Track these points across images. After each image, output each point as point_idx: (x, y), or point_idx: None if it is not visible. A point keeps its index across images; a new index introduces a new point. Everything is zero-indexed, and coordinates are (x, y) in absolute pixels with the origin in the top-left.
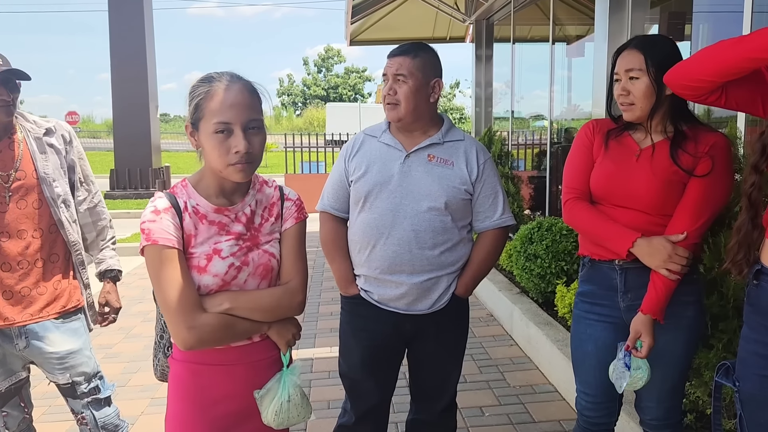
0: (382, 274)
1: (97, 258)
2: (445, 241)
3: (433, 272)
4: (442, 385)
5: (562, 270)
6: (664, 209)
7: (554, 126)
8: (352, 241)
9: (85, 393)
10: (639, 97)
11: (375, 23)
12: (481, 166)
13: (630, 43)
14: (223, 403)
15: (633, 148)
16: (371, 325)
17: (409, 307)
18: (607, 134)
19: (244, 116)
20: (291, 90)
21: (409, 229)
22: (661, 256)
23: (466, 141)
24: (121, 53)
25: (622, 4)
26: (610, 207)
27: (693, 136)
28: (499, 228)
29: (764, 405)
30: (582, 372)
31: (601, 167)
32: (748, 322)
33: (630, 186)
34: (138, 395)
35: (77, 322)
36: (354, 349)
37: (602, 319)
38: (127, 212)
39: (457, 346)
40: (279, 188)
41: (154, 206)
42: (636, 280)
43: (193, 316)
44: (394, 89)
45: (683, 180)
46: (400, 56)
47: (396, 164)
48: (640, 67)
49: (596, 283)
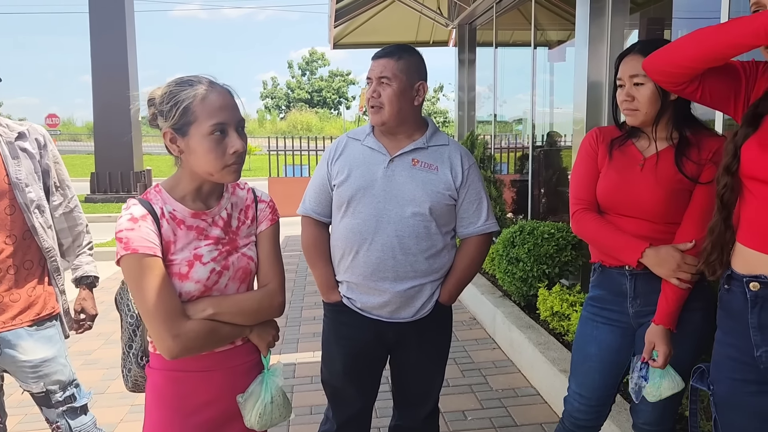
0: (365, 281)
1: (73, 264)
2: (429, 247)
3: (416, 279)
4: (425, 392)
5: (543, 273)
6: (670, 217)
7: (536, 130)
8: (334, 246)
9: (60, 402)
10: (644, 102)
11: (359, 27)
12: (465, 172)
13: (633, 48)
14: (203, 409)
15: (637, 157)
16: (354, 333)
17: (392, 315)
18: (611, 143)
19: (235, 116)
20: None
21: (393, 235)
22: (670, 266)
23: (450, 146)
24: (102, 55)
25: (602, 10)
26: (616, 216)
27: (696, 143)
28: (483, 234)
29: (737, 408)
30: (581, 373)
31: (606, 178)
32: (721, 326)
33: (635, 196)
34: (117, 402)
35: (52, 329)
36: (336, 357)
37: (610, 322)
38: (108, 216)
39: (441, 353)
40: (252, 190)
41: (131, 214)
42: (645, 286)
43: (177, 323)
44: (378, 92)
45: (689, 188)
46: (384, 58)
47: (380, 168)
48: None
49: (606, 288)
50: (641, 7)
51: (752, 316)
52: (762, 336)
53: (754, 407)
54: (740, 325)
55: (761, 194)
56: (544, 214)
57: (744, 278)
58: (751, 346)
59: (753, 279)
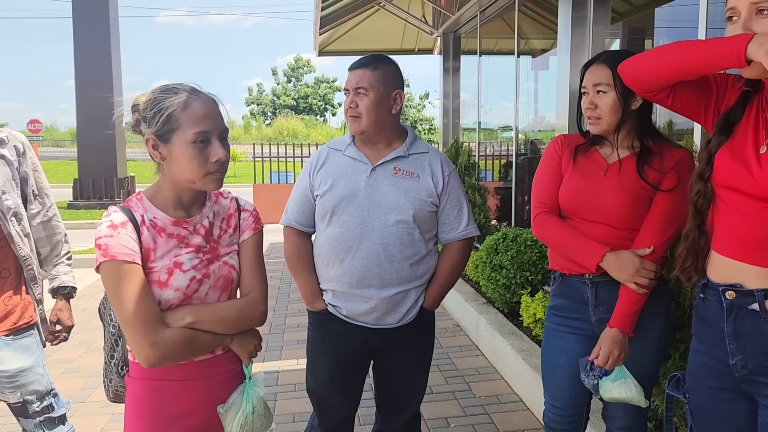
0: (351, 289)
1: (50, 274)
2: (414, 253)
3: (402, 285)
4: (408, 397)
5: (527, 280)
6: (632, 223)
7: (520, 137)
8: (318, 255)
9: (37, 412)
10: (606, 111)
11: (344, 34)
12: (446, 178)
13: (598, 57)
14: (184, 419)
15: (600, 163)
16: (340, 341)
17: (378, 321)
18: (575, 149)
19: (219, 125)
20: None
21: (378, 243)
22: (629, 270)
23: (430, 153)
24: (86, 61)
25: (584, 20)
26: (579, 221)
27: (658, 152)
28: (465, 239)
29: (713, 415)
30: (552, 384)
31: (570, 182)
32: (697, 334)
33: (598, 200)
34: (98, 411)
35: (29, 338)
36: (322, 365)
37: (574, 331)
38: (91, 222)
39: (424, 358)
40: (235, 199)
41: (110, 221)
42: (607, 294)
43: (155, 331)
44: (355, 102)
45: (650, 195)
46: (360, 69)
47: (362, 178)
48: (607, 81)
49: (568, 297)
50: (623, 16)
51: (728, 325)
52: (737, 344)
53: (729, 415)
54: (716, 334)
55: (733, 202)
56: (527, 221)
57: (720, 287)
58: (726, 354)
59: (729, 288)
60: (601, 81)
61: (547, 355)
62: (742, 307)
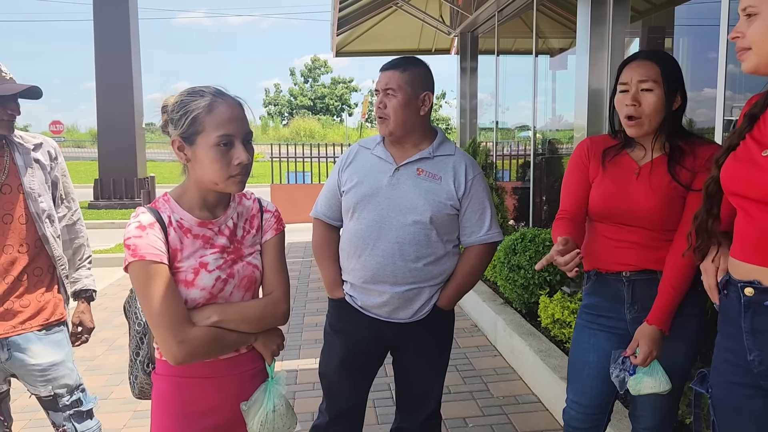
0: (366, 284)
1: (72, 277)
2: (429, 254)
3: (414, 284)
4: (423, 394)
5: (545, 281)
6: (667, 225)
7: (538, 137)
8: (341, 249)
9: (67, 405)
10: (649, 111)
11: (361, 35)
12: (469, 182)
13: (640, 54)
14: (208, 415)
15: (632, 166)
16: (353, 329)
17: (391, 315)
18: (604, 153)
19: (243, 129)
20: (278, 100)
21: (394, 241)
22: None
23: (456, 156)
24: (106, 62)
25: (603, 18)
26: (612, 225)
27: (690, 151)
28: (486, 243)
29: (734, 410)
30: (578, 381)
31: (600, 188)
32: (721, 330)
33: (631, 204)
34: (120, 408)
35: (60, 334)
36: (336, 349)
37: (606, 329)
38: (112, 222)
39: (440, 356)
40: (258, 200)
41: (139, 222)
42: (643, 292)
43: (182, 330)
44: (384, 103)
45: (683, 194)
46: (390, 70)
47: (385, 177)
48: (655, 78)
49: (602, 296)
50: (642, 15)
51: (745, 321)
52: (754, 340)
53: (749, 410)
54: (736, 330)
55: (743, 209)
56: (545, 221)
57: (739, 283)
58: (745, 350)
59: (747, 284)
60: (649, 77)
61: (577, 351)
62: (760, 304)
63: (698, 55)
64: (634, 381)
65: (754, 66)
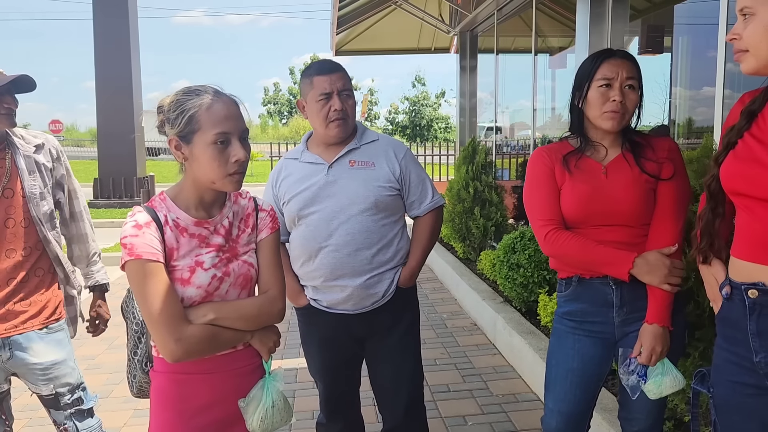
0: (326, 282)
1: (85, 272)
2: (380, 239)
3: (373, 271)
4: (398, 380)
5: (544, 279)
6: (643, 219)
7: (537, 135)
8: (293, 256)
9: (68, 404)
10: (631, 107)
11: (360, 34)
12: (401, 162)
13: (617, 52)
14: (206, 411)
15: (596, 167)
16: (325, 332)
17: (356, 306)
18: (565, 159)
19: (240, 126)
20: (277, 99)
21: (344, 234)
22: (662, 272)
23: (381, 141)
24: (106, 61)
25: (602, 17)
26: (591, 228)
27: (647, 144)
28: (434, 209)
29: (736, 410)
30: (561, 389)
31: (573, 192)
32: (721, 333)
33: (609, 203)
34: (120, 407)
35: (61, 333)
36: (314, 356)
37: (592, 335)
38: (111, 221)
39: (410, 334)
40: (253, 199)
41: (135, 221)
42: (631, 294)
43: (179, 328)
44: (342, 105)
45: (653, 186)
46: (338, 72)
47: (321, 177)
48: (637, 77)
49: (586, 301)
50: (641, 13)
51: (751, 323)
52: (761, 342)
53: (753, 409)
54: (739, 332)
55: (746, 207)
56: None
57: (743, 286)
58: (750, 351)
59: (751, 286)
60: (635, 75)
61: (559, 359)
62: (765, 305)
63: (697, 54)
64: (654, 384)
65: (753, 68)
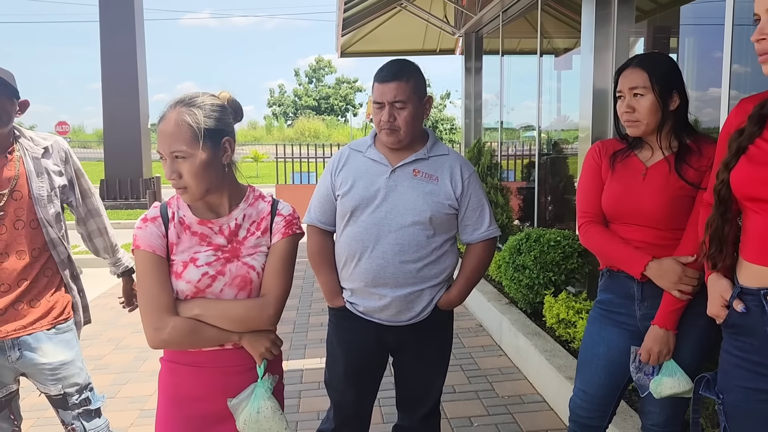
0: (366, 287)
1: (113, 260)
2: (429, 254)
3: (416, 285)
4: (424, 393)
5: (550, 281)
6: (674, 224)
7: (543, 137)
8: (338, 254)
9: (76, 404)
10: (644, 113)
11: (366, 35)
12: (465, 182)
13: (632, 61)
14: (194, 403)
15: (639, 167)
16: (355, 337)
17: (392, 318)
18: (613, 156)
19: (170, 146)
20: (282, 100)
21: (393, 243)
22: (672, 278)
23: (450, 156)
24: (112, 63)
25: (608, 18)
26: (622, 225)
27: (697, 149)
28: (488, 239)
29: (749, 416)
30: (587, 371)
31: (609, 189)
32: (731, 340)
33: (638, 204)
34: (127, 407)
35: (70, 333)
36: (339, 360)
37: (617, 324)
38: (117, 222)
39: (439, 356)
40: (273, 203)
41: (145, 215)
42: (653, 289)
43: (160, 317)
44: (393, 116)
45: (691, 194)
46: (394, 82)
47: (382, 179)
48: (644, 84)
49: (614, 292)
50: (647, 15)
51: None
52: None
53: (766, 414)
54: (756, 340)
55: (763, 211)
56: (550, 221)
57: (761, 291)
58: None
59: None
60: (638, 84)
61: (588, 343)
62: None
63: (703, 55)
64: (655, 384)
65: None
